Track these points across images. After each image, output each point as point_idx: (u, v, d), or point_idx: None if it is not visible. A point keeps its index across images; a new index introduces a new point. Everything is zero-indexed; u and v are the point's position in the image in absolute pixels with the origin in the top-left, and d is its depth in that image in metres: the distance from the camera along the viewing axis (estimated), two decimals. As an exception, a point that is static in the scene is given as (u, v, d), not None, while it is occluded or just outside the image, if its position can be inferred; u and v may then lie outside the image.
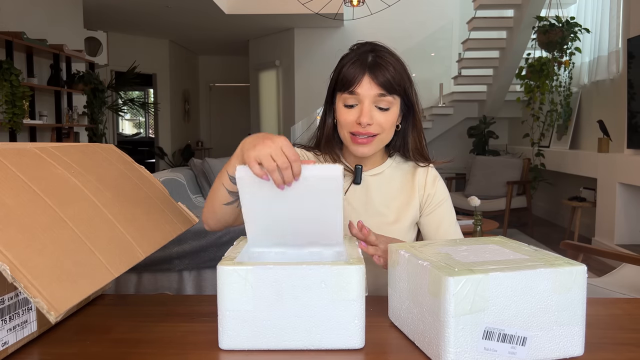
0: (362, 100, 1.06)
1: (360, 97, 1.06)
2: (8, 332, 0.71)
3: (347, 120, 1.08)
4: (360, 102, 1.06)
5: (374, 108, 1.06)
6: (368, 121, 1.05)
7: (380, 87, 1.05)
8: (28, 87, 4.39)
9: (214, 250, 2.72)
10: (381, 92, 1.05)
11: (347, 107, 1.08)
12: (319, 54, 7.37)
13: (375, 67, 1.05)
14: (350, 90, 1.06)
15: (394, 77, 1.06)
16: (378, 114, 1.06)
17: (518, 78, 5.28)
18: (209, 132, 10.39)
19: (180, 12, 6.73)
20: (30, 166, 0.74)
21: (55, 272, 0.61)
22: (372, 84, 1.05)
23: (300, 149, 1.20)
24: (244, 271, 0.70)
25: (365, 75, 1.05)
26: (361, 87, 1.05)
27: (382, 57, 1.07)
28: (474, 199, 3.53)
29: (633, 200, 4.20)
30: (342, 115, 1.09)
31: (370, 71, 1.05)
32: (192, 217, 1.07)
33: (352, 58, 1.08)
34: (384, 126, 1.07)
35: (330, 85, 1.13)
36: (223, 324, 0.71)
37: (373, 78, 1.05)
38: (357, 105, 1.07)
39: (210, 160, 4.59)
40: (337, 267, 0.70)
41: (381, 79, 1.05)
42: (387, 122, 1.07)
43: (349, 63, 1.08)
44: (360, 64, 1.06)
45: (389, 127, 1.08)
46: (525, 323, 0.66)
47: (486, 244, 0.83)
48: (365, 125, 1.05)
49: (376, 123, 1.06)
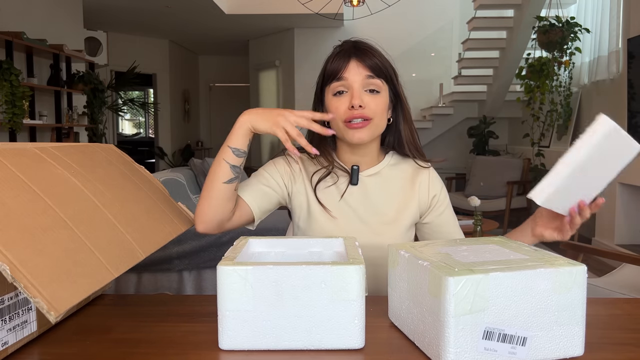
0: (352, 85, 1.06)
1: (349, 82, 1.06)
2: (8, 332, 0.71)
3: (339, 109, 1.07)
4: (350, 87, 1.06)
5: (364, 92, 1.07)
6: (360, 103, 1.05)
7: (368, 69, 1.06)
8: (28, 87, 4.39)
9: (214, 250, 2.72)
10: (369, 73, 1.06)
11: (338, 95, 1.08)
12: (319, 54, 7.35)
13: (360, 52, 1.08)
14: (338, 77, 1.07)
15: (380, 60, 1.08)
16: (369, 97, 1.06)
17: (518, 78, 5.28)
18: (209, 132, 10.39)
19: (180, 12, 6.73)
20: (30, 166, 0.74)
21: (55, 272, 0.61)
22: (359, 66, 1.06)
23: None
24: (243, 271, 0.70)
25: (351, 59, 1.07)
26: (348, 72, 1.06)
27: (365, 45, 1.10)
28: (474, 199, 3.53)
29: (633, 200, 4.20)
30: (332, 105, 1.08)
31: (356, 55, 1.07)
32: (192, 217, 1.07)
33: (336, 52, 1.10)
34: (375, 110, 1.07)
35: (317, 84, 1.14)
36: (223, 324, 0.71)
37: (360, 61, 1.06)
38: (346, 92, 1.07)
39: (210, 160, 4.59)
40: (337, 267, 0.70)
41: (368, 61, 1.06)
42: (378, 106, 1.07)
43: (332, 56, 1.10)
44: (345, 52, 1.08)
45: (380, 112, 1.08)
46: (525, 323, 0.66)
47: (486, 244, 0.83)
48: (357, 107, 1.05)
49: (368, 107, 1.06)
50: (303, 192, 1.15)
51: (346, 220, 1.13)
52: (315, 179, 1.14)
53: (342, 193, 1.14)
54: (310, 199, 1.14)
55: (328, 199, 1.14)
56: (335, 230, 1.13)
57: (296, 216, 1.17)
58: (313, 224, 1.13)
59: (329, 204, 1.13)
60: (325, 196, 1.14)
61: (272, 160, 1.18)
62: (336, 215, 1.13)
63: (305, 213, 1.15)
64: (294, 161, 1.17)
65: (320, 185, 1.14)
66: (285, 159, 1.17)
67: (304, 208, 1.15)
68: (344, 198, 1.14)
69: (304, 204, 1.15)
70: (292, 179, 1.15)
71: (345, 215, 1.14)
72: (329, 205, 1.13)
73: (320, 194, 1.14)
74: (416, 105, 7.25)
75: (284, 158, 1.18)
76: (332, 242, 0.91)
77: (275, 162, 1.17)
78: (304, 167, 1.17)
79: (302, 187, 1.15)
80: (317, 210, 1.13)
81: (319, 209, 1.13)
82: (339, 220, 1.13)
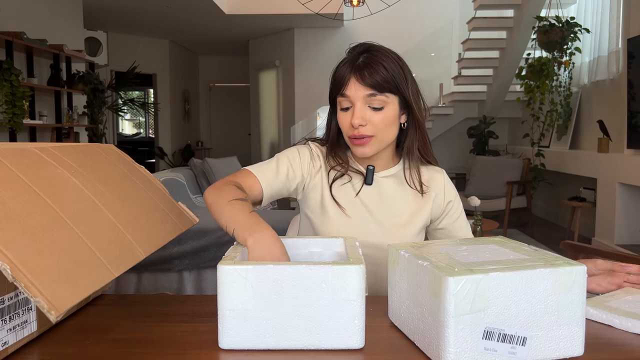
0: (354, 102, 1.06)
1: (351, 99, 1.06)
2: (8, 332, 0.71)
3: (344, 124, 1.09)
4: (352, 104, 1.06)
5: (368, 108, 1.06)
6: (360, 122, 1.05)
7: (369, 88, 1.04)
8: (28, 87, 4.39)
9: (214, 250, 2.72)
10: (370, 92, 1.05)
11: (344, 110, 1.09)
12: (319, 54, 7.37)
13: (363, 68, 1.05)
14: (341, 92, 1.07)
15: (384, 76, 1.04)
16: (371, 114, 1.06)
17: (518, 78, 5.28)
18: (209, 132, 10.39)
19: (180, 12, 6.73)
20: (30, 166, 0.74)
21: (55, 271, 0.61)
22: (358, 85, 1.05)
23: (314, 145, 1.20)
24: (244, 270, 0.70)
25: (351, 77, 1.05)
26: (349, 89, 1.06)
27: (373, 57, 1.05)
28: (474, 199, 3.53)
29: (633, 200, 4.20)
30: (340, 119, 1.10)
31: (357, 72, 1.05)
32: (192, 217, 1.07)
33: (345, 60, 1.09)
34: (378, 126, 1.06)
35: (330, 93, 1.14)
36: (223, 323, 0.71)
37: (359, 79, 1.05)
38: (351, 107, 1.07)
39: (210, 160, 4.59)
40: (337, 267, 0.70)
41: (368, 80, 1.04)
42: (382, 121, 1.06)
43: (341, 64, 1.09)
44: (349, 65, 1.07)
45: (384, 127, 1.07)
46: (525, 323, 0.66)
47: (486, 244, 0.83)
48: (357, 126, 1.05)
49: (370, 124, 1.06)
50: (319, 187, 1.15)
51: (359, 219, 1.14)
52: (331, 176, 1.15)
53: (358, 191, 1.15)
54: (325, 195, 1.14)
55: (343, 197, 1.14)
56: (348, 228, 1.13)
57: (309, 210, 1.17)
58: (326, 220, 1.14)
59: (343, 202, 1.14)
60: (341, 194, 1.15)
61: (296, 147, 1.18)
62: (350, 214, 1.13)
63: (319, 208, 1.15)
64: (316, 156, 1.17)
65: (336, 182, 1.15)
66: (310, 150, 1.17)
67: (317, 203, 1.15)
68: (359, 196, 1.15)
69: (318, 199, 1.15)
70: (312, 172, 1.16)
71: (359, 214, 1.14)
72: (343, 204, 1.14)
73: (335, 191, 1.14)
74: (416, 105, 7.24)
75: (308, 149, 1.18)
76: (332, 242, 0.91)
77: (300, 151, 1.16)
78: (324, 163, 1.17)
79: (319, 182, 1.16)
80: (331, 207, 1.14)
81: (334, 206, 1.13)
82: (353, 219, 1.13)
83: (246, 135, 9.46)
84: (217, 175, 4.49)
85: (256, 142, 8.76)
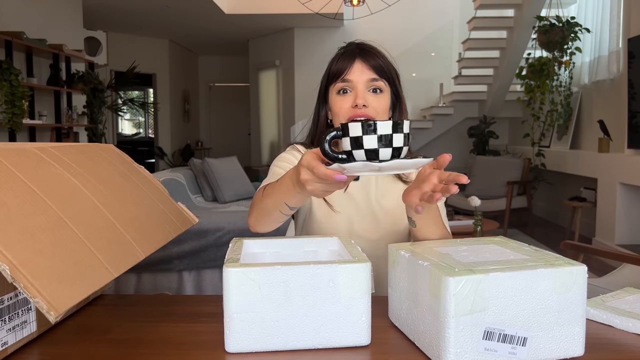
0: (356, 85, 1.08)
1: (353, 82, 1.09)
2: (7, 332, 0.71)
3: (342, 107, 1.09)
4: (354, 87, 1.09)
5: (368, 92, 1.09)
6: (363, 102, 1.07)
7: (372, 71, 1.09)
8: (27, 87, 4.39)
9: (213, 251, 2.72)
10: (373, 76, 1.09)
11: (340, 94, 1.10)
12: (319, 54, 7.37)
13: (365, 53, 1.10)
14: (342, 77, 1.09)
15: (384, 62, 1.10)
16: (372, 97, 1.09)
17: (518, 78, 5.28)
18: (208, 132, 10.39)
19: (180, 12, 6.73)
20: (30, 166, 0.74)
21: (55, 272, 0.61)
22: (363, 67, 1.09)
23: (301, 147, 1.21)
24: (252, 272, 0.69)
25: (355, 61, 1.09)
26: (353, 73, 1.09)
27: (370, 47, 1.12)
28: (474, 199, 3.53)
29: (633, 200, 4.20)
30: (336, 104, 1.10)
31: (361, 56, 1.10)
32: (192, 217, 1.07)
33: (340, 53, 1.13)
34: (378, 110, 1.09)
35: (322, 83, 1.16)
36: (230, 326, 0.70)
37: (364, 61, 1.09)
38: (350, 91, 1.09)
39: (210, 160, 4.59)
40: (345, 266, 0.70)
41: (372, 62, 1.09)
42: (381, 106, 1.09)
43: (337, 57, 1.12)
44: (350, 53, 1.11)
45: (382, 111, 1.10)
46: (525, 323, 0.66)
47: (486, 244, 0.83)
48: (361, 107, 1.07)
49: (371, 106, 1.08)
50: None
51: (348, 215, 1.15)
52: None
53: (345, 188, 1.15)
54: None
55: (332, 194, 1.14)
56: (338, 224, 1.14)
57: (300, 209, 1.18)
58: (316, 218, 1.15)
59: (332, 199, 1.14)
60: None
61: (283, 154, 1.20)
62: (339, 210, 1.14)
63: (308, 207, 1.16)
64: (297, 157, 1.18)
65: None
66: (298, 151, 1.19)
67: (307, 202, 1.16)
68: (347, 192, 1.16)
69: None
70: None
71: (348, 209, 1.15)
72: (332, 200, 1.15)
73: None
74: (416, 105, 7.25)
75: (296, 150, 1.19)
76: (326, 241, 0.91)
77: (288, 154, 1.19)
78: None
79: None
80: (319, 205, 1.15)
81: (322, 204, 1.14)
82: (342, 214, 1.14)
83: (246, 135, 9.46)
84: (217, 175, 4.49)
85: (256, 142, 8.76)
